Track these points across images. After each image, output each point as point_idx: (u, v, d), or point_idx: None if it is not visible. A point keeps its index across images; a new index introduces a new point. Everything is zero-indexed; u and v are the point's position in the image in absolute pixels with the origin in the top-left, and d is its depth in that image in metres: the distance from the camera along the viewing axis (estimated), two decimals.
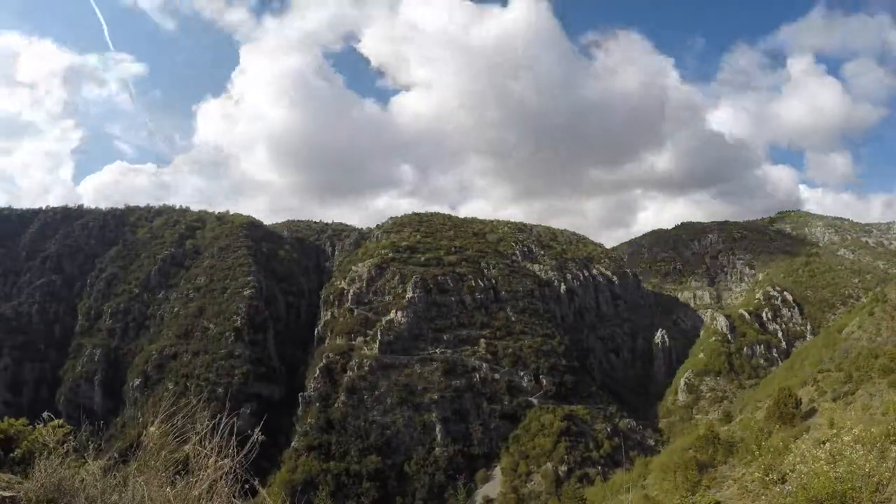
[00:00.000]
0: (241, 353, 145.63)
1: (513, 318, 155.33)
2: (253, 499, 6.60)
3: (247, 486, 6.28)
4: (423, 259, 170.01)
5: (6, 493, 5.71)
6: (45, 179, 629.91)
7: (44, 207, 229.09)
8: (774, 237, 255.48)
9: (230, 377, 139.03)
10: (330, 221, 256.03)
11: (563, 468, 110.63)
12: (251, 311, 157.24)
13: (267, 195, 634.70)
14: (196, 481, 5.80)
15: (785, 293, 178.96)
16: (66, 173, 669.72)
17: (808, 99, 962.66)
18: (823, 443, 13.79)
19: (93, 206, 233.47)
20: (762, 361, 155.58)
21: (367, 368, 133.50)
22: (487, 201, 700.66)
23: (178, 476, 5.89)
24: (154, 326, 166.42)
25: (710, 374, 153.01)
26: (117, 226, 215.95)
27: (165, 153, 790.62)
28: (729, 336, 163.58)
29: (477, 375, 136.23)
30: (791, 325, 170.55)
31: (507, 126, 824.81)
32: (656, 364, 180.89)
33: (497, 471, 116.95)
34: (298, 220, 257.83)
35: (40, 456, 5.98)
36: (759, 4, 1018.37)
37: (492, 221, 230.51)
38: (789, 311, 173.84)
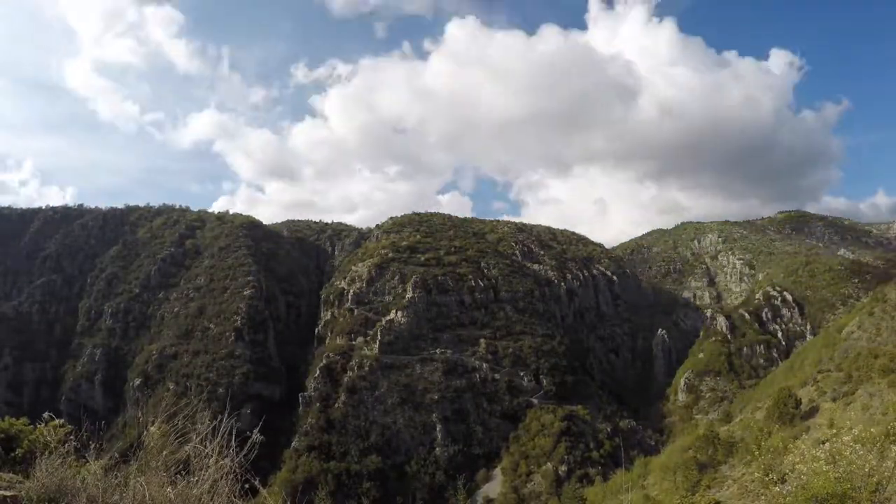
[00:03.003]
0: (242, 353, 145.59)
1: (513, 318, 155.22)
2: (253, 499, 6.61)
3: (247, 485, 6.29)
4: (423, 259, 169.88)
5: (8, 493, 5.72)
6: None
7: (43, 207, 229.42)
8: (774, 237, 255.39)
9: (230, 377, 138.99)
10: (330, 221, 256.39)
11: (564, 468, 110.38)
12: (251, 311, 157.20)
13: None
14: (197, 481, 5.82)
15: (785, 293, 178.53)
16: None
17: None
18: (823, 443, 13.79)
19: (92, 206, 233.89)
20: (762, 361, 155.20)
21: (367, 368, 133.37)
22: None
23: (178, 476, 5.91)
24: (154, 326, 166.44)
25: (710, 374, 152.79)
26: (117, 226, 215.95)
27: None
28: (729, 336, 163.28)
29: (477, 375, 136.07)
30: (791, 325, 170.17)
31: None
32: (656, 364, 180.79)
33: (497, 471, 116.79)
34: (298, 220, 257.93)
35: (41, 456, 5.99)
36: None
37: (492, 221, 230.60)
38: (789, 311, 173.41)
